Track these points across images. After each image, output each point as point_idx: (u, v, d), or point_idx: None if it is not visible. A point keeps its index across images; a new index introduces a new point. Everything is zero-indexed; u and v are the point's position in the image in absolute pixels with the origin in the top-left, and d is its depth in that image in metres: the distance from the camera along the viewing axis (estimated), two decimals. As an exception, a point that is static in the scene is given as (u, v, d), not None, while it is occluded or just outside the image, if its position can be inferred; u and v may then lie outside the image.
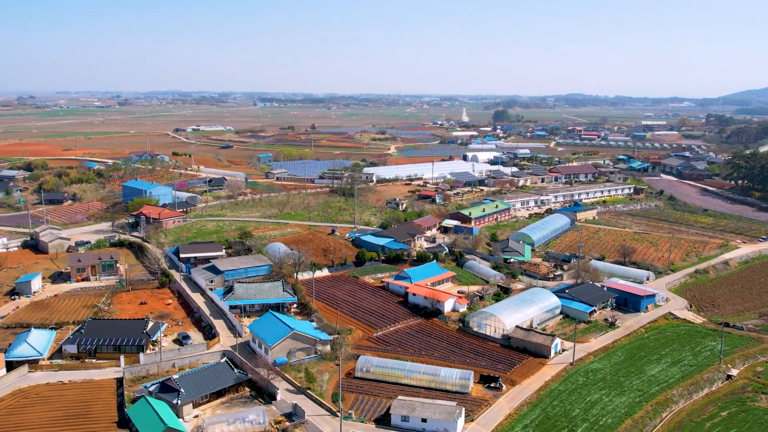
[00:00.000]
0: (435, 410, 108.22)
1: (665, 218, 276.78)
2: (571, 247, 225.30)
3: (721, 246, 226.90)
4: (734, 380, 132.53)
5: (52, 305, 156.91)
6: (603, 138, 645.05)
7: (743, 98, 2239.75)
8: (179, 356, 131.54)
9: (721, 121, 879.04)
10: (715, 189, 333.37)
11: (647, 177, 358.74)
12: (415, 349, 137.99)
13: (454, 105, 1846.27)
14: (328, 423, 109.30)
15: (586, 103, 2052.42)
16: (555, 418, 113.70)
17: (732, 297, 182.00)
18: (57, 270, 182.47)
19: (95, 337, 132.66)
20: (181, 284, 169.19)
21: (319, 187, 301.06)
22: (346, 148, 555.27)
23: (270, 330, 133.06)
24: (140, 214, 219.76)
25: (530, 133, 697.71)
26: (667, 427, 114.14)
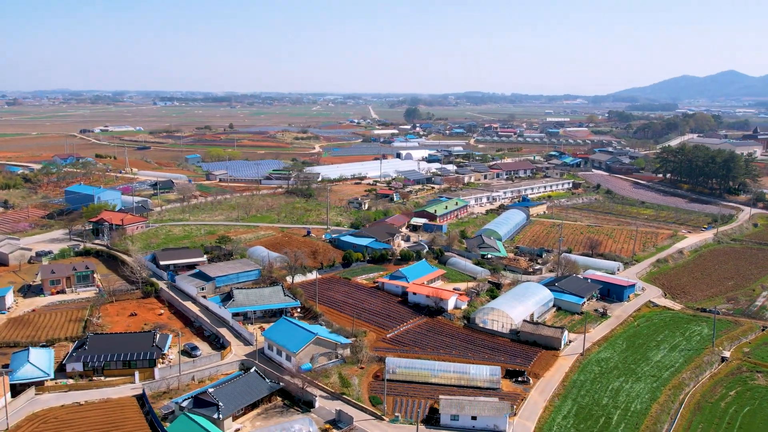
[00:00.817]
0: (484, 407, 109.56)
1: (609, 211, 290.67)
2: (536, 241, 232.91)
3: (672, 236, 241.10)
4: (729, 362, 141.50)
5: (34, 321, 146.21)
6: (519, 135, 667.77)
7: (631, 95, 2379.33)
8: (197, 368, 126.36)
9: (622, 117, 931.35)
10: (646, 182, 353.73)
11: (580, 172, 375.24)
12: (431, 348, 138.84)
13: (359, 103, 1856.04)
14: (376, 427, 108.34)
15: (486, 100, 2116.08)
16: (588, 408, 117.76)
17: (697, 284, 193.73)
18: (25, 283, 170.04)
19: (102, 353, 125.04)
20: (169, 293, 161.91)
21: (272, 188, 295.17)
22: (270, 148, 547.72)
23: (290, 336, 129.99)
24: (101, 220, 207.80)
25: (449, 130, 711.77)
26: (688, 409, 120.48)
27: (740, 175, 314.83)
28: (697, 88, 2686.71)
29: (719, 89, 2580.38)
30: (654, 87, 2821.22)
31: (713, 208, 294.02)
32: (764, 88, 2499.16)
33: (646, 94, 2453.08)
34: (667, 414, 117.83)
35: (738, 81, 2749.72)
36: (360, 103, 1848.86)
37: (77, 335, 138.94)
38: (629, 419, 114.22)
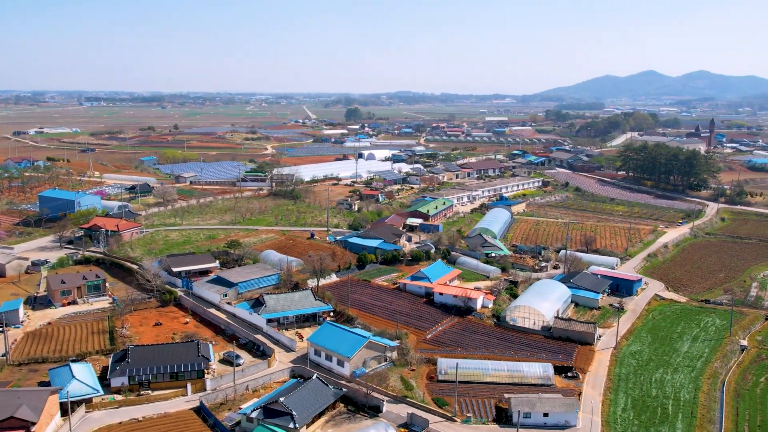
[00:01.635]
0: (555, 404, 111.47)
1: (584, 208, 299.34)
2: (527, 239, 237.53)
3: (653, 231, 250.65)
4: (748, 350, 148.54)
5: (54, 335, 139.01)
6: (467, 134, 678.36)
7: (557, 94, 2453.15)
8: (250, 377, 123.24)
9: (559, 116, 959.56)
10: (610, 179, 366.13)
11: (546, 170, 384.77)
12: (473, 348, 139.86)
13: (292, 103, 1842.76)
14: (450, 428, 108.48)
15: (418, 100, 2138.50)
16: (641, 399, 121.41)
17: (691, 277, 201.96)
18: (29, 294, 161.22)
19: (147, 366, 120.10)
20: (189, 300, 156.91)
21: (252, 190, 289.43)
22: (221, 149, 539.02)
23: (341, 341, 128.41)
24: (94, 226, 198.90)
25: (397, 130, 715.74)
26: (729, 396, 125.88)
27: (702, 172, 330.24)
28: (619, 87, 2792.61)
29: (640, 88, 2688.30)
30: (578, 86, 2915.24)
31: (679, 204, 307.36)
32: (682, 87, 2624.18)
33: (570, 94, 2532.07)
34: (714, 401, 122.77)
35: (657, 81, 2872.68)
36: (293, 103, 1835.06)
37: (107, 348, 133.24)
38: (683, 408, 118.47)
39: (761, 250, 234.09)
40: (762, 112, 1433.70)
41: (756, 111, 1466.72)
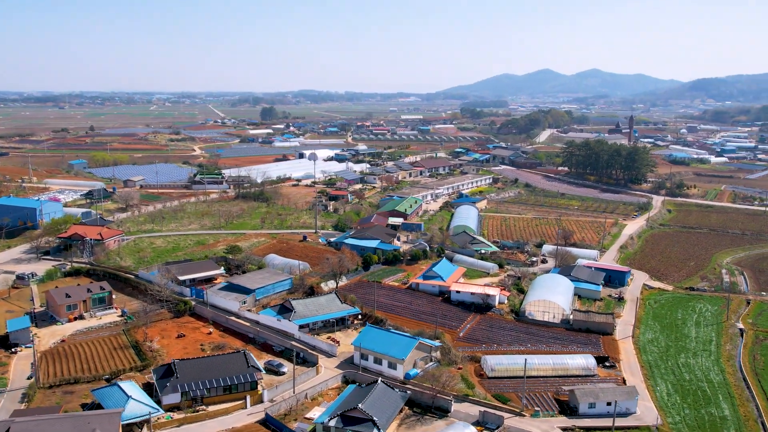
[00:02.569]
0: (616, 393, 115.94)
1: (540, 203, 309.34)
2: (502, 234, 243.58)
3: (615, 224, 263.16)
4: (747, 332, 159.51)
5: (74, 353, 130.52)
6: (392, 132, 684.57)
7: (459, 92, 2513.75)
8: (304, 386, 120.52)
9: (473, 114, 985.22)
10: (554, 175, 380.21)
11: (491, 168, 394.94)
12: (506, 343, 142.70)
13: (196, 102, 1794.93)
14: (523, 423, 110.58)
15: (324, 98, 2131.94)
16: (679, 384, 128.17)
17: (666, 266, 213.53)
18: (25, 311, 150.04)
19: (198, 380, 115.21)
20: (208, 309, 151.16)
21: (215, 193, 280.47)
22: (146, 151, 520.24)
23: (389, 343, 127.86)
24: (74, 235, 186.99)
25: (322, 129, 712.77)
26: (751, 376, 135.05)
27: (642, 167, 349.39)
28: (518, 85, 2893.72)
29: (537, 86, 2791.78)
30: (479, 85, 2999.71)
31: (625, 197, 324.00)
32: (576, 85, 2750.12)
33: (472, 91, 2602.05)
34: (740, 381, 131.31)
35: (553, 79, 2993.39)
36: (198, 102, 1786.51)
37: (139, 364, 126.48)
38: (720, 389, 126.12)
39: (715, 239, 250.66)
40: (654, 108, 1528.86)
41: (649, 108, 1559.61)
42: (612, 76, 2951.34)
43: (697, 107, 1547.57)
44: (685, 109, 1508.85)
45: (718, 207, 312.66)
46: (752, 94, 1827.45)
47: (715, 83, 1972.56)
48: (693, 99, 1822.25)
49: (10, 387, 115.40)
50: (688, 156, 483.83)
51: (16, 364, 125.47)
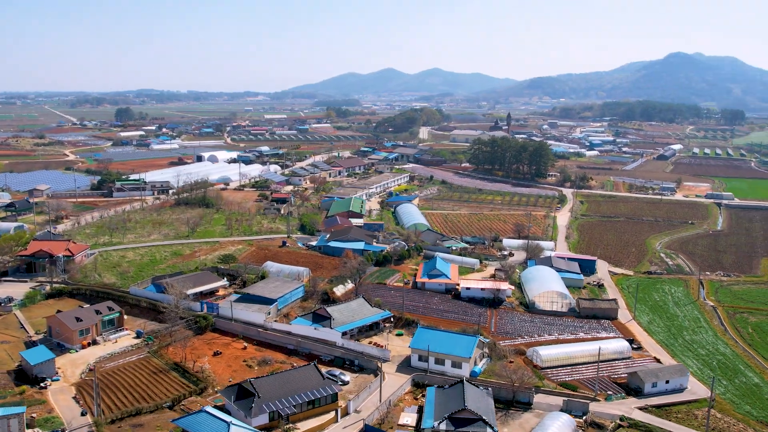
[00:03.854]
0: (672, 372, 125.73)
1: (465, 199, 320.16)
2: (453, 230, 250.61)
3: (546, 216, 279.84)
4: (717, 309, 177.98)
5: (114, 382, 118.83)
6: (270, 132, 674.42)
7: (307, 91, 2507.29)
8: (385, 393, 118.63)
9: (339, 113, 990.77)
10: (463, 172, 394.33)
11: (402, 166, 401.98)
12: (537, 334, 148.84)
13: (29, 103, 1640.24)
14: (604, 407, 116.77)
15: (169, 98, 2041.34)
16: (702, 359, 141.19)
17: (614, 253, 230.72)
18: (24, 339, 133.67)
19: (282, 398, 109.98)
20: (231, 323, 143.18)
21: (151, 199, 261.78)
22: (14, 157, 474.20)
23: (449, 343, 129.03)
24: (39, 252, 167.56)
25: (197, 130, 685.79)
26: (747, 346, 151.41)
27: (548, 162, 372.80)
28: (363, 84, 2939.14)
29: (382, 85, 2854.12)
30: (325, 83, 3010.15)
31: (537, 191, 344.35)
32: (419, 83, 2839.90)
33: (319, 90, 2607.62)
34: (745, 351, 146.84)
35: (397, 78, 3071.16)
36: (30, 103, 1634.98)
37: (195, 387, 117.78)
38: (737, 360, 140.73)
39: (636, 226, 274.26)
40: (499, 106, 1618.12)
41: (494, 105, 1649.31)
42: (453, 75, 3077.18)
43: (536, 104, 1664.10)
44: (526, 106, 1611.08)
45: (620, 197, 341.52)
46: (582, 92, 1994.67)
47: (549, 81, 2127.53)
48: (531, 96, 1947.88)
49: (68, 427, 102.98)
50: (566, 150, 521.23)
51: (56, 400, 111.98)
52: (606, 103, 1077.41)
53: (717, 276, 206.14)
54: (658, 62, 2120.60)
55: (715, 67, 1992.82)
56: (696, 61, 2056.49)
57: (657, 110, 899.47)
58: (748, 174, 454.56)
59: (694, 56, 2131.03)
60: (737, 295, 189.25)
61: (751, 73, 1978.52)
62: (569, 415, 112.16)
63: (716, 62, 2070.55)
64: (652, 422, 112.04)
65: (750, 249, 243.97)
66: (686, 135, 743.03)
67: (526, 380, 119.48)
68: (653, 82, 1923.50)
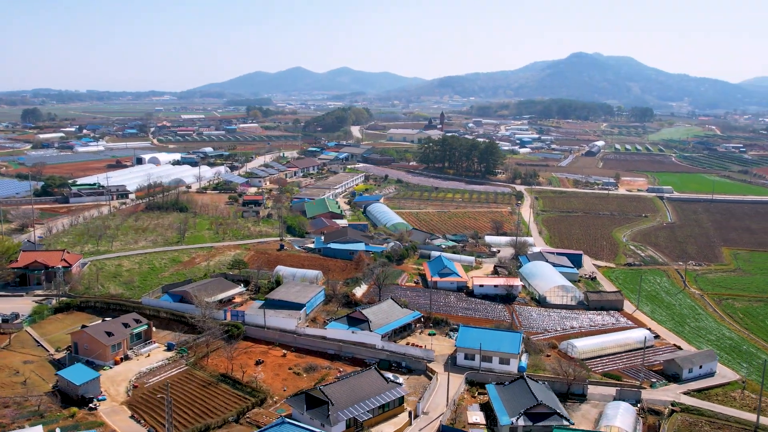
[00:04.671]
0: (703, 357, 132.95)
1: (427, 198, 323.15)
2: (430, 229, 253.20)
3: (511, 213, 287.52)
4: (704, 295, 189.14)
5: (172, 400, 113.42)
6: (198, 133, 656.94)
7: (215, 90, 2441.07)
8: (443, 393, 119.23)
9: (263, 113, 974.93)
10: (416, 170, 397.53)
11: (351, 165, 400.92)
12: (561, 327, 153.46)
13: None
14: (652, 394, 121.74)
15: (71, 98, 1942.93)
16: (715, 343, 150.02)
17: (588, 246, 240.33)
18: (46, 358, 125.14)
19: (355, 404, 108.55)
20: (265, 331, 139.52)
21: (119, 203, 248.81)
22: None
23: (496, 341, 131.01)
24: (33, 264, 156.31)
25: (120, 132, 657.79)
26: (751, 326, 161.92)
27: (498, 159, 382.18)
28: (272, 83, 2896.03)
29: (291, 84, 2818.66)
30: (232, 82, 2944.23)
31: (491, 188, 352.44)
32: (329, 82, 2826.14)
33: (226, 89, 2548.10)
34: (751, 334, 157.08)
35: (306, 77, 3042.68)
36: None
37: (255, 399, 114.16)
38: (746, 344, 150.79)
39: (596, 220, 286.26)
40: (412, 104, 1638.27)
41: (407, 104, 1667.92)
42: (362, 74, 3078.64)
43: (447, 102, 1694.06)
44: (438, 104, 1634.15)
45: (569, 192, 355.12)
46: (491, 90, 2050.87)
47: (459, 80, 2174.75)
48: (442, 95, 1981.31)
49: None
50: (501, 148, 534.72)
51: (113, 421, 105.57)
52: (521, 102, 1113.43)
53: (690, 266, 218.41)
54: (562, 62, 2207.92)
55: (614, 67, 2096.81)
56: (596, 61, 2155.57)
57: (573, 108, 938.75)
58: (672, 168, 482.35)
59: (594, 56, 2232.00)
60: (715, 282, 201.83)
61: (647, 73, 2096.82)
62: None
63: (615, 62, 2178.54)
64: (700, 405, 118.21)
65: (706, 239, 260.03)
66: (602, 131, 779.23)
67: (575, 373, 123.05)
68: (558, 81, 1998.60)
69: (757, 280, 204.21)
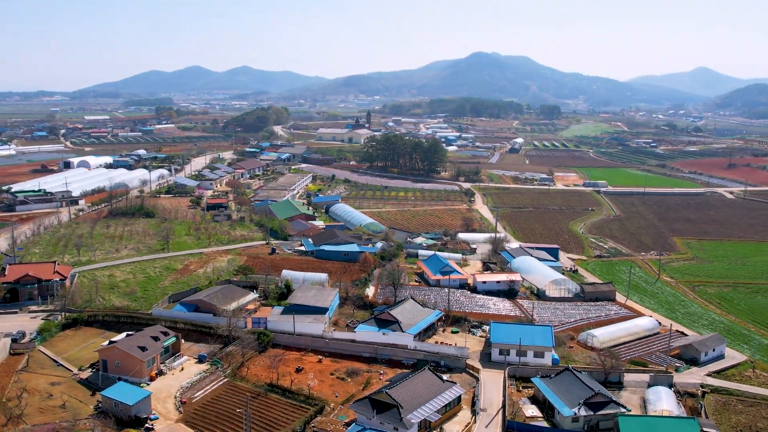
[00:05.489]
0: (714, 341, 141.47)
1: (379, 197, 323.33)
2: (399, 228, 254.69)
3: (469, 210, 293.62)
4: (678, 283, 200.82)
5: (220, 414, 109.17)
6: (113, 135, 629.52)
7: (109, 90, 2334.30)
8: (494, 389, 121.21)
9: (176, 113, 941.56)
10: (362, 170, 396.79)
11: (295, 166, 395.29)
12: (572, 319, 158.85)
13: None
14: (680, 377, 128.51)
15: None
16: (709, 326, 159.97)
17: (551, 240, 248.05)
18: (71, 377, 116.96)
19: (421, 406, 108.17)
20: (294, 337, 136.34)
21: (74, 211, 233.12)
22: None
23: (529, 335, 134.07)
24: (25, 278, 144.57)
25: (29, 134, 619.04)
26: (732, 310, 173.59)
27: (442, 158, 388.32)
28: (169, 81, 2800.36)
29: (189, 83, 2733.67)
30: (127, 81, 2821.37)
31: (439, 185, 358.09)
32: (228, 81, 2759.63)
33: (121, 89, 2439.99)
34: (740, 319, 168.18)
35: (204, 76, 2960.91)
36: None
37: (313, 409, 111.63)
38: (738, 327, 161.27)
39: (549, 215, 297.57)
40: (320, 103, 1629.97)
41: (314, 103, 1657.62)
42: (262, 73, 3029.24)
43: (352, 101, 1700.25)
44: (345, 103, 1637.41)
45: (512, 189, 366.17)
46: (395, 89, 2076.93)
47: (363, 79, 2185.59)
48: (347, 94, 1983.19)
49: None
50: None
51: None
52: (433, 100, 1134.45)
53: (652, 255, 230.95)
54: (463, 61, 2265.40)
55: (512, 66, 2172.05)
56: (495, 60, 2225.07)
57: (485, 107, 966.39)
58: (592, 163, 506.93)
59: (493, 56, 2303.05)
60: (681, 271, 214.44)
61: (543, 72, 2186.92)
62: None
63: (512, 61, 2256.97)
64: (726, 386, 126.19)
65: (656, 230, 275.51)
66: (516, 129, 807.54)
67: (611, 362, 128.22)
68: (460, 80, 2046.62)
69: (717, 267, 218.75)
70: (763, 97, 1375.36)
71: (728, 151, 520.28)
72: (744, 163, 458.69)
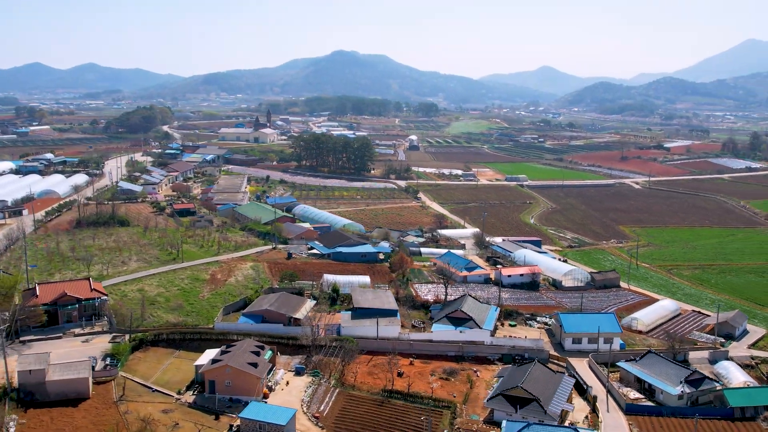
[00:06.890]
0: (740, 318, 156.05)
1: (324, 197, 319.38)
2: (366, 227, 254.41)
3: (423, 208, 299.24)
4: (654, 267, 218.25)
5: (363, 423, 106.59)
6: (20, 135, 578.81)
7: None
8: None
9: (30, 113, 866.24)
10: (293, 170, 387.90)
11: (225, 167, 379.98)
12: (602, 307, 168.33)
13: None
14: (731, 352, 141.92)
15: None
16: (712, 305, 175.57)
17: (516, 233, 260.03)
18: (179, 404, 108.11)
19: (553, 398, 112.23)
20: (378, 342, 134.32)
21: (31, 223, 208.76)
22: None
23: (596, 323, 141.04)
24: (63, 297, 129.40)
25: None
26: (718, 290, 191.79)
27: (371, 157, 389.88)
28: (5, 79, 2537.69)
29: (29, 81, 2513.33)
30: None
31: (375, 184, 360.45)
32: (74, 80, 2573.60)
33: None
34: (730, 299, 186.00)
35: (46, 73, 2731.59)
36: None
37: (452, 411, 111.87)
38: (735, 303, 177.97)
39: (495, 209, 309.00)
40: (182, 102, 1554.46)
41: (177, 102, 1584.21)
42: (111, 71, 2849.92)
43: (215, 100, 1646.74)
44: (208, 102, 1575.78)
45: (444, 185, 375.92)
46: (257, 87, 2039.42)
47: (224, 77, 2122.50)
48: (209, 93, 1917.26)
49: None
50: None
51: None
52: (310, 99, 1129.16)
53: (613, 243, 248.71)
54: (324, 59, 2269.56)
55: (372, 64, 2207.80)
56: (356, 59, 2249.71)
57: (366, 105, 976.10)
58: (491, 158, 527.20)
59: (353, 54, 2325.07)
60: (648, 256, 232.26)
61: (402, 70, 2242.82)
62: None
63: (372, 59, 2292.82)
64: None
65: (597, 220, 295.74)
66: (399, 126, 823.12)
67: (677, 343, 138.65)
68: (322, 78, 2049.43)
69: (674, 251, 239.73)
70: (608, 94, 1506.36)
71: (618, 145, 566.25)
72: (634, 156, 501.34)
